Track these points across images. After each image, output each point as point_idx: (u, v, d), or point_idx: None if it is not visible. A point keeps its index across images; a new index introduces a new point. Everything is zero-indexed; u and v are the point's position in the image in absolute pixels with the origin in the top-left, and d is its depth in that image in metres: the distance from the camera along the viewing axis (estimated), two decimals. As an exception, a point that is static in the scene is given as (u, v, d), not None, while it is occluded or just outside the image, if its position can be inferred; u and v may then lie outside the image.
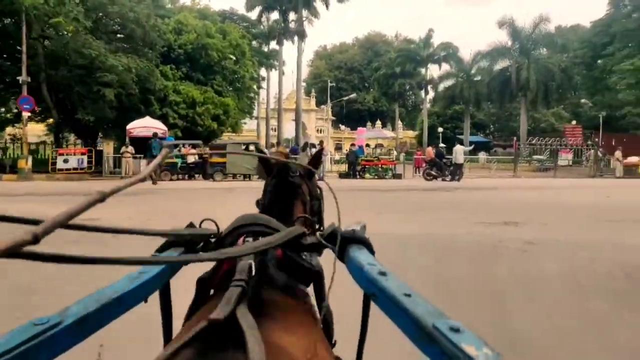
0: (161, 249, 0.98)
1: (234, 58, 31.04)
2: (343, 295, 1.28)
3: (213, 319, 0.63)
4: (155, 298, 0.92)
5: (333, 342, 1.03)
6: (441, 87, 52.88)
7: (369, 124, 62.57)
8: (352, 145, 24.28)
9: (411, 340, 0.65)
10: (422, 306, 0.67)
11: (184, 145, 22.33)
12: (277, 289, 0.87)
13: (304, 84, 70.92)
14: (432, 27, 59.01)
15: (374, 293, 0.79)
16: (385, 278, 0.79)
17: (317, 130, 65.04)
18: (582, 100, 34.45)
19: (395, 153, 30.56)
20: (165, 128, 24.55)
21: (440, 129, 50.86)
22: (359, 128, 34.17)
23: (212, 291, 0.95)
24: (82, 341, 0.68)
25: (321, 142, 22.68)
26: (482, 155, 36.50)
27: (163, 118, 27.35)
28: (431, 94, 61.05)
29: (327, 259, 1.03)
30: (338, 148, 65.67)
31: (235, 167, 20.30)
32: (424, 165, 23.43)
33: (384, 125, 68.00)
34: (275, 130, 51.45)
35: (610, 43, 35.41)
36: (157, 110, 27.22)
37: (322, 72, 73.38)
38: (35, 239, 0.39)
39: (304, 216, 1.21)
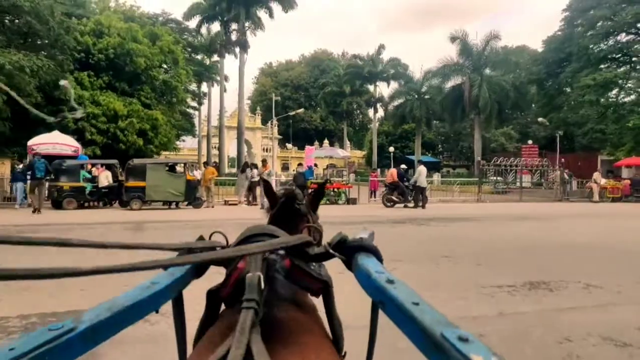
0: None
1: (165, 66, 27.36)
2: (352, 303, 1.33)
3: None
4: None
5: (343, 354, 0.99)
6: (391, 105, 51.04)
7: (316, 143, 60.03)
8: (300, 165, 21.32)
9: (419, 349, 0.64)
10: (431, 315, 0.65)
11: (95, 165, 18.51)
12: (287, 303, 0.87)
13: (249, 101, 67.85)
14: (383, 43, 57.05)
15: (382, 301, 0.78)
16: (393, 286, 0.77)
17: (264, 149, 61.90)
18: (540, 119, 33.06)
19: (345, 174, 27.94)
20: (78, 145, 20.59)
21: (391, 149, 48.80)
22: (307, 147, 31.21)
23: (222, 305, 0.94)
24: (94, 347, 0.68)
25: (264, 162, 19.44)
26: (436, 177, 34.49)
27: (79, 133, 23.39)
28: (381, 113, 59.39)
29: (335, 268, 0.98)
30: (285, 168, 62.61)
31: (157, 193, 16.55)
32: (382, 188, 20.60)
33: (331, 145, 65.40)
34: (217, 149, 47.90)
35: (565, 60, 34.39)
36: (70, 123, 23.19)
37: (268, 90, 70.42)
38: None
39: (310, 225, 1.18)
